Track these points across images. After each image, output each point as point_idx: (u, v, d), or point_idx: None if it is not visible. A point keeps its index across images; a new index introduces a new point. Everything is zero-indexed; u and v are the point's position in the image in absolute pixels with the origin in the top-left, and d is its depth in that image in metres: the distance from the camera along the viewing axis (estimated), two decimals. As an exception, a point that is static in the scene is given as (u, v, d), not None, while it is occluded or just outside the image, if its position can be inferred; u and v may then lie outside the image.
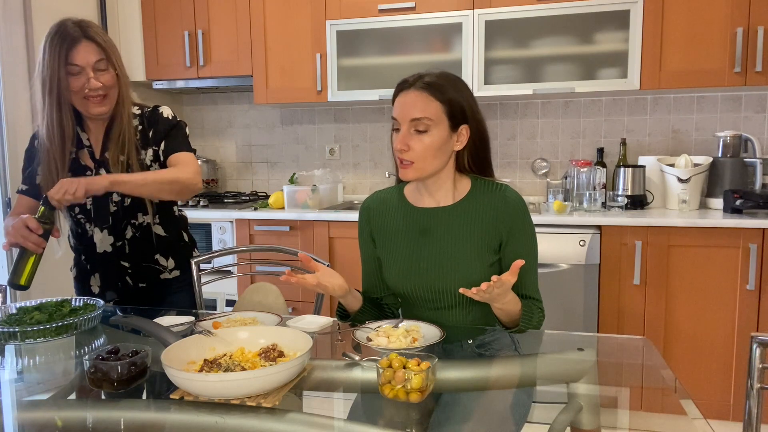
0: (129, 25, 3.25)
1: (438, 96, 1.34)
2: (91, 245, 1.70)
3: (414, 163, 1.35)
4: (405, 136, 1.34)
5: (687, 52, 2.56)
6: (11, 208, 2.66)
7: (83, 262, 1.75)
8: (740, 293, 2.34)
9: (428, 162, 1.36)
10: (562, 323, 2.47)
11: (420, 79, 1.36)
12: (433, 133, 1.34)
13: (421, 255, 1.43)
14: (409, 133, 1.34)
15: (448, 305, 1.44)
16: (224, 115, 3.64)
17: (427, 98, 1.34)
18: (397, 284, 1.47)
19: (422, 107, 1.33)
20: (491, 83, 2.75)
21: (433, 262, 1.42)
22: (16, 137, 2.69)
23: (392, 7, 2.84)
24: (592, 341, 1.51)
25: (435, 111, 1.34)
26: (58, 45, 1.55)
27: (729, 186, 2.60)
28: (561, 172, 3.08)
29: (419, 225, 1.45)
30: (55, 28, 1.59)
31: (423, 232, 1.44)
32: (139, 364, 1.09)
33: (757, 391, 1.28)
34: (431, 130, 1.34)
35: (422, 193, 1.47)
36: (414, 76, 1.38)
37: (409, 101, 1.35)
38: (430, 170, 1.38)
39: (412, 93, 1.35)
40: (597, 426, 1.06)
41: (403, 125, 1.35)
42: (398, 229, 1.47)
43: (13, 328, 1.32)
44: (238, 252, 2.17)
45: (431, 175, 1.40)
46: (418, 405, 1.04)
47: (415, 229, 1.45)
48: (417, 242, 1.44)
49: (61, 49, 1.55)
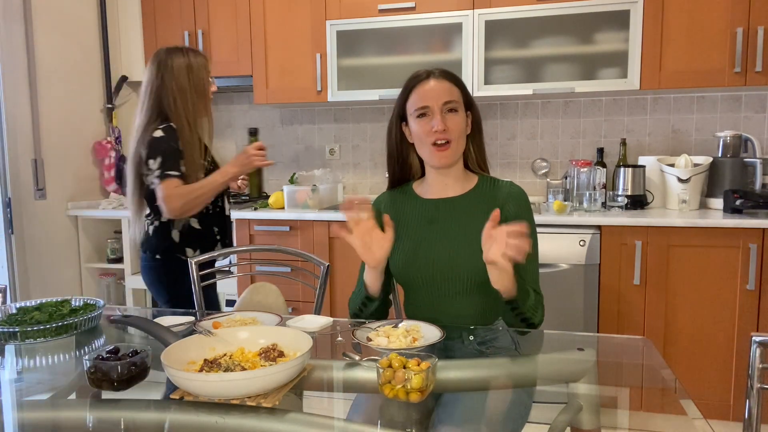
0: (129, 25, 3.25)
1: (456, 82, 1.46)
2: (222, 208, 2.11)
3: (451, 142, 1.42)
4: (442, 117, 1.42)
5: (687, 52, 2.56)
6: (11, 207, 2.66)
7: (209, 220, 2.06)
8: (740, 293, 2.34)
9: (461, 142, 1.45)
10: (562, 323, 2.47)
11: (432, 71, 1.46)
12: (461, 113, 1.45)
13: (427, 242, 1.47)
14: (443, 114, 1.42)
15: (452, 293, 1.45)
16: (224, 115, 3.64)
17: (449, 84, 1.44)
18: (402, 272, 1.48)
19: (449, 91, 1.43)
20: (491, 83, 2.75)
21: (439, 249, 1.45)
22: (16, 137, 2.69)
23: (392, 7, 2.84)
24: (592, 341, 1.51)
25: (457, 95, 1.45)
26: (203, 57, 2.00)
27: (729, 186, 2.60)
28: (561, 172, 3.08)
29: (427, 215, 1.50)
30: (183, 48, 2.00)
31: (430, 221, 1.49)
32: (139, 364, 1.09)
33: (757, 391, 1.28)
34: (459, 111, 1.44)
35: (432, 186, 1.52)
36: (423, 70, 1.46)
37: (436, 87, 1.43)
38: (460, 152, 1.47)
39: (433, 81, 1.44)
40: (597, 426, 1.06)
41: (435, 108, 1.42)
42: (407, 220, 1.52)
43: (13, 328, 1.32)
44: (238, 252, 2.17)
45: (458, 160, 1.48)
46: (418, 405, 1.04)
47: (423, 219, 1.50)
48: (424, 230, 1.49)
49: (207, 61, 2.01)
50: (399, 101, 1.49)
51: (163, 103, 1.92)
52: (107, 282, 3.16)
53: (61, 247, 2.98)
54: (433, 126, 1.41)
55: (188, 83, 1.92)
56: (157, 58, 1.93)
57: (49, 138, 2.86)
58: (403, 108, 1.49)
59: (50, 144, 2.86)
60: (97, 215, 3.04)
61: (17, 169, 2.69)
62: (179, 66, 1.92)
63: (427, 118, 1.43)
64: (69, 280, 3.04)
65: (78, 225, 3.06)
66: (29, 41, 2.74)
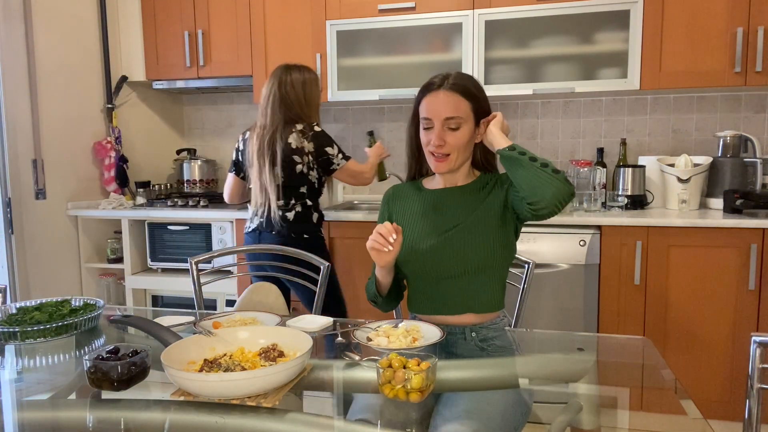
0: (129, 25, 3.25)
1: (467, 95, 1.46)
2: None
3: (449, 155, 1.46)
4: (441, 133, 1.45)
5: (687, 52, 2.56)
6: (11, 207, 2.66)
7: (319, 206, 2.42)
8: (740, 293, 2.34)
9: (460, 155, 1.48)
10: (562, 323, 2.47)
11: (446, 79, 1.46)
12: (464, 129, 1.46)
13: (431, 227, 1.51)
14: (443, 129, 1.45)
15: (456, 278, 1.47)
16: (224, 115, 3.64)
17: (457, 98, 1.45)
18: (407, 257, 1.50)
19: (454, 107, 1.44)
20: (491, 83, 2.75)
21: (442, 232, 1.49)
22: (16, 137, 2.69)
23: (392, 7, 2.84)
24: (592, 341, 1.51)
25: (464, 109, 1.45)
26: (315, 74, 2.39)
27: (729, 186, 2.60)
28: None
29: (431, 203, 1.55)
30: None
31: (434, 208, 1.54)
32: (139, 364, 1.09)
33: (757, 391, 1.28)
34: (462, 127, 1.45)
35: (439, 180, 1.57)
36: (439, 77, 1.48)
37: (441, 101, 1.45)
38: (460, 162, 1.50)
39: (442, 93, 1.45)
40: (597, 426, 1.06)
41: (437, 123, 1.45)
42: (414, 210, 1.57)
43: (13, 328, 1.32)
44: (238, 252, 2.18)
45: (460, 167, 1.51)
46: (418, 405, 1.04)
47: (428, 207, 1.55)
48: (429, 217, 1.53)
49: (317, 77, 2.41)
50: (415, 103, 1.54)
51: (290, 110, 2.28)
52: (107, 282, 3.16)
53: (61, 247, 2.98)
54: (431, 141, 1.46)
55: (303, 94, 2.30)
56: (277, 73, 2.31)
57: (49, 138, 2.85)
58: (417, 111, 1.53)
59: (50, 144, 2.86)
60: (97, 215, 3.03)
61: (17, 169, 2.69)
62: (296, 80, 2.29)
63: (429, 130, 1.47)
64: (69, 280, 3.04)
65: (78, 225, 3.06)
66: (29, 41, 2.74)
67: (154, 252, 3.06)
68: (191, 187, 3.45)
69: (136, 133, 3.41)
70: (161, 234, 3.03)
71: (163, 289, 3.12)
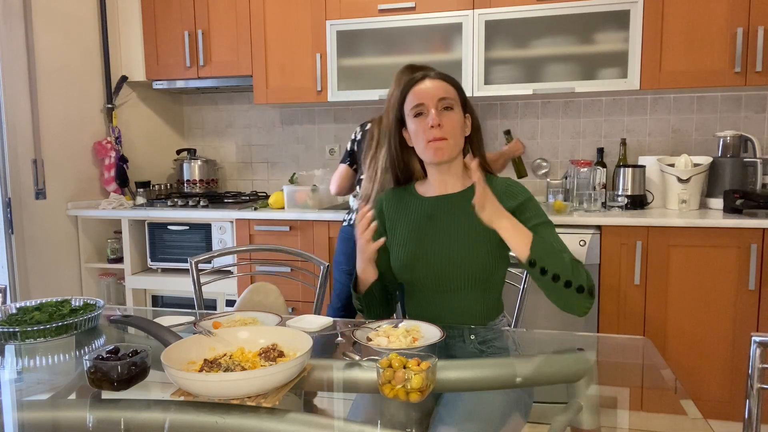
0: (129, 25, 3.25)
1: (452, 83, 1.48)
2: None
3: (447, 139, 1.43)
4: (437, 113, 1.43)
5: (687, 52, 2.56)
6: (11, 207, 2.66)
7: None
8: (740, 293, 2.34)
9: (457, 139, 1.45)
10: (562, 323, 2.47)
11: (428, 73, 1.48)
12: (456, 111, 1.45)
13: (427, 239, 1.49)
14: (439, 110, 1.43)
15: (453, 288, 1.46)
16: (224, 115, 3.64)
17: (445, 84, 1.47)
18: (404, 270, 1.50)
19: (444, 90, 1.45)
20: (491, 83, 2.75)
21: (439, 245, 1.47)
22: (16, 137, 2.69)
23: (392, 7, 2.84)
24: (592, 341, 1.51)
25: (453, 94, 1.46)
26: None
27: (729, 186, 2.60)
28: (561, 172, 3.08)
29: (427, 211, 1.52)
30: None
31: (430, 218, 1.51)
32: (139, 364, 1.09)
33: (757, 391, 1.28)
34: (455, 108, 1.45)
35: (433, 185, 1.54)
36: (419, 73, 1.49)
37: (431, 86, 1.45)
38: (457, 150, 1.47)
39: (428, 81, 1.46)
40: (597, 426, 1.06)
41: (431, 106, 1.43)
42: (408, 218, 1.54)
43: (13, 328, 1.32)
44: (238, 252, 2.17)
45: (455, 157, 1.48)
46: (418, 405, 1.04)
47: (423, 216, 1.52)
48: (424, 227, 1.50)
49: None
50: (397, 105, 1.51)
51: None
52: (107, 282, 3.16)
53: (61, 247, 2.98)
54: (429, 122, 1.42)
55: None
56: (397, 74, 2.28)
57: (49, 138, 2.86)
58: (401, 111, 1.50)
59: (50, 144, 2.86)
60: (97, 215, 3.04)
61: (17, 169, 2.69)
62: None
63: (423, 116, 1.44)
64: (69, 280, 3.04)
65: (78, 225, 3.06)
66: (29, 41, 2.74)
67: (154, 252, 3.06)
68: (191, 187, 3.45)
69: (136, 133, 3.41)
70: (161, 234, 3.03)
71: (163, 289, 3.12)
